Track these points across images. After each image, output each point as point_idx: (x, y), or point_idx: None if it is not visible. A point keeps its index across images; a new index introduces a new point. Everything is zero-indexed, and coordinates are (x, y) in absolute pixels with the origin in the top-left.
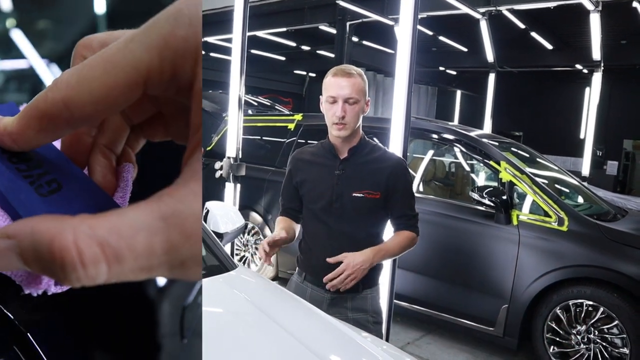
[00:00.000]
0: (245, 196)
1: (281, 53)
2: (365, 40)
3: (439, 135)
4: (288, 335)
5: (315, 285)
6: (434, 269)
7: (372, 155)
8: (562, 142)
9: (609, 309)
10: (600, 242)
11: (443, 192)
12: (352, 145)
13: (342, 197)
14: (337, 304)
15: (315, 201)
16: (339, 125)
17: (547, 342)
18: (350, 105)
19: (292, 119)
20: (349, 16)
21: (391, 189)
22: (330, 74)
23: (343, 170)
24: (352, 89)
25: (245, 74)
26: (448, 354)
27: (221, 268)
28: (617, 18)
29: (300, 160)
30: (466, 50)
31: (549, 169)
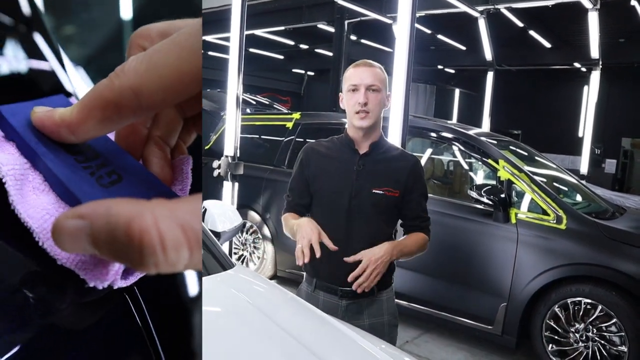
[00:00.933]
0: (243, 195)
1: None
2: (364, 39)
3: (438, 133)
4: (286, 335)
5: (329, 292)
6: (432, 267)
7: (391, 154)
8: (561, 141)
9: (607, 307)
10: (598, 240)
11: (441, 191)
12: (373, 141)
13: (361, 194)
14: (353, 310)
15: (330, 197)
16: (361, 114)
17: (545, 341)
18: (373, 93)
19: (291, 117)
20: (348, 15)
21: (409, 189)
22: (351, 67)
23: (363, 166)
24: (375, 77)
25: (243, 72)
26: (446, 352)
27: (218, 267)
28: (616, 16)
29: (315, 151)
30: (465, 49)
31: (548, 167)
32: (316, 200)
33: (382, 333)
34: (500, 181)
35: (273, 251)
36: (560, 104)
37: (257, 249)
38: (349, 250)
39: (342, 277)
